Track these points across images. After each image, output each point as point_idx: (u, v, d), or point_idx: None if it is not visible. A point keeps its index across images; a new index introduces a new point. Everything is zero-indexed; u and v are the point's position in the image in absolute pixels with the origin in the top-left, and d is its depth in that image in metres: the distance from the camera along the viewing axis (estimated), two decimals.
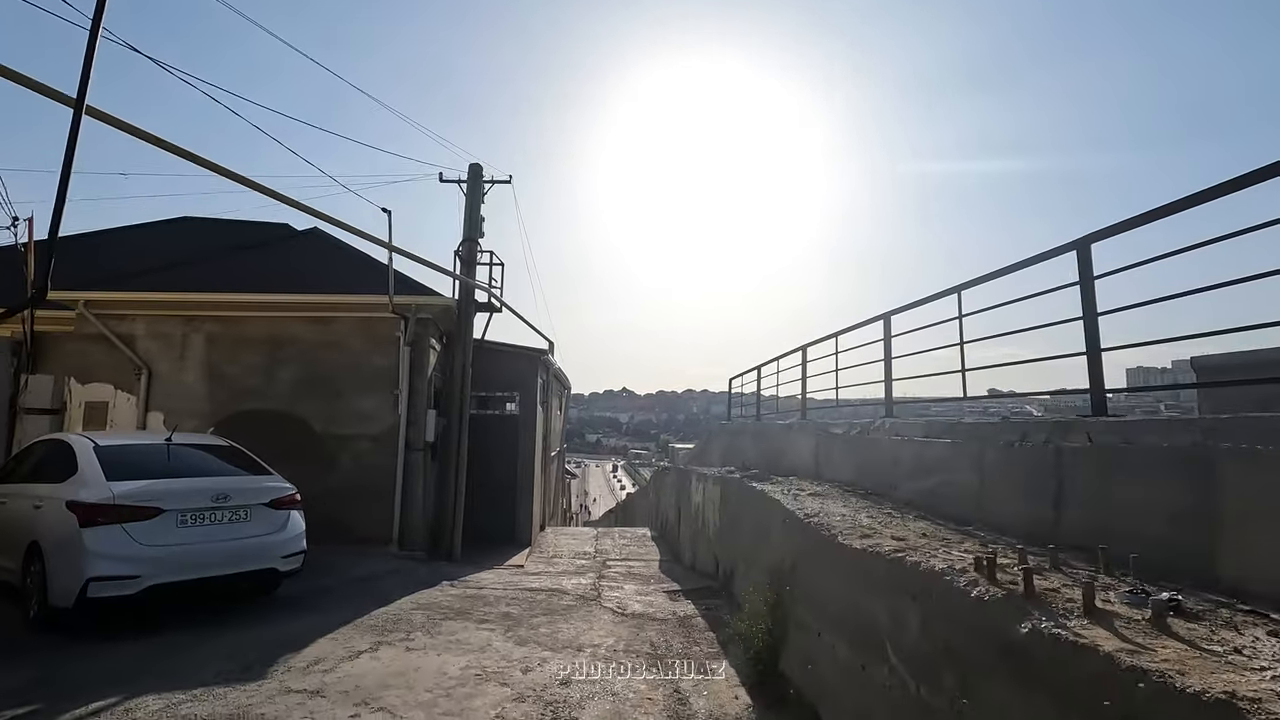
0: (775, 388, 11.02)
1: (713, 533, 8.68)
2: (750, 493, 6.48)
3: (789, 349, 10.21)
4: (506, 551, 11.32)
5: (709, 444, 16.06)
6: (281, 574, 6.32)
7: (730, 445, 13.25)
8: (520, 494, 12.15)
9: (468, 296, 10.40)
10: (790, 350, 10.24)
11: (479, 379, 12.28)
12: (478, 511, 12.11)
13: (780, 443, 9.39)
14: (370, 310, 9.79)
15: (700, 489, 9.69)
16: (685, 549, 10.72)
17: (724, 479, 8.14)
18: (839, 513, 4.63)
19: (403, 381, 9.73)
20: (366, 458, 9.72)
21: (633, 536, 14.07)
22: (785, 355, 10.77)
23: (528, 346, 12.41)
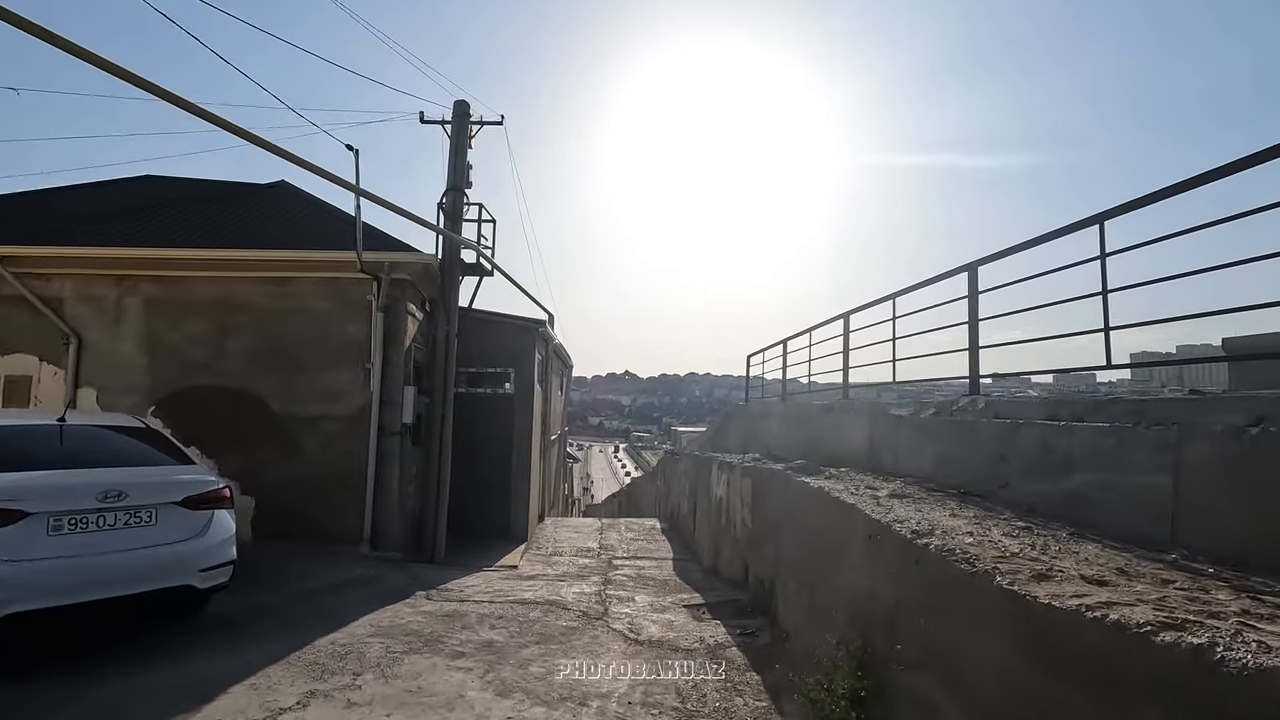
0: (807, 362, 9.56)
1: (740, 533, 7.29)
2: (800, 490, 5.06)
3: (828, 318, 8.75)
4: (499, 549, 9.96)
5: (725, 428, 14.65)
6: (201, 591, 4.93)
7: (751, 429, 11.83)
8: (516, 483, 10.79)
9: (452, 255, 8.94)
10: (826, 320, 8.78)
11: (468, 353, 10.85)
12: (467, 503, 10.75)
13: (818, 427, 7.97)
14: (336, 269, 8.34)
15: (723, 480, 8.28)
16: (703, 547, 9.36)
17: (757, 470, 6.73)
18: (955, 527, 3.21)
19: (375, 353, 8.29)
20: (333, 443, 8.32)
21: (640, 529, 12.72)
22: (820, 325, 9.31)
23: (524, 317, 10.97)
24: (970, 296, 5.40)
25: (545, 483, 14.57)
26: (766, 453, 10.07)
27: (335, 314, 8.47)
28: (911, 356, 6.86)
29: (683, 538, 11.61)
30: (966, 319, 5.40)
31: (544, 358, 13.08)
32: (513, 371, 10.88)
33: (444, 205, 9.04)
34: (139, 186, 11.28)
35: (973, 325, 5.38)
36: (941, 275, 5.84)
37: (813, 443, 8.05)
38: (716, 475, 8.73)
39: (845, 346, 8.16)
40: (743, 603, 6.48)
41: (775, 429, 9.94)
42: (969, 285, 5.41)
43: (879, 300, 7.20)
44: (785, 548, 5.39)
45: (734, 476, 7.68)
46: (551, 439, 15.27)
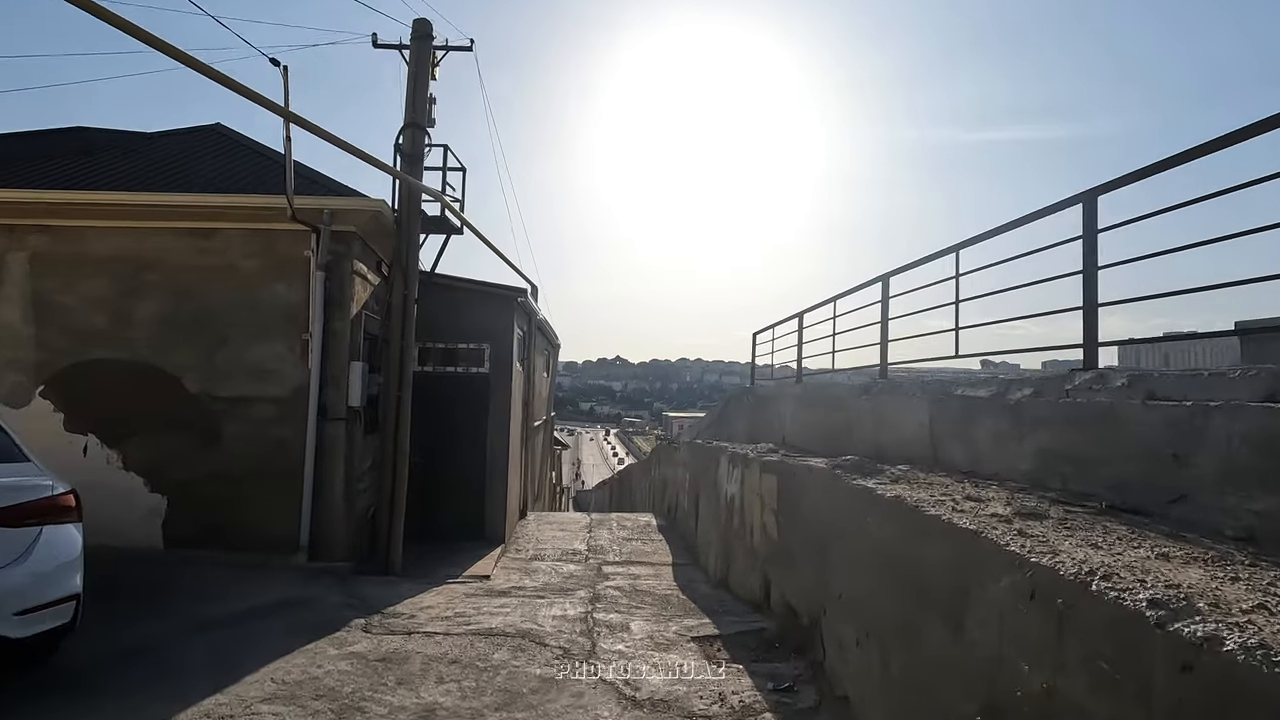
0: (831, 337, 8.17)
1: (759, 541, 5.93)
2: (862, 500, 3.66)
3: (859, 284, 7.35)
4: (470, 554, 8.56)
5: (727, 414, 13.27)
6: (18, 642, 3.48)
7: (759, 416, 10.46)
8: (492, 475, 9.38)
9: (411, 205, 7.43)
10: (858, 285, 7.38)
11: (436, 326, 9.38)
12: (434, 501, 9.33)
13: (850, 413, 6.59)
14: (267, 219, 6.83)
15: (735, 476, 6.90)
16: (709, 552, 8.00)
17: (785, 467, 5.33)
18: (1211, 589, 1.82)
19: (314, 322, 6.81)
20: (264, 430, 6.86)
21: (634, 526, 11.36)
22: (848, 293, 7.91)
23: (501, 285, 9.51)
24: (1086, 238, 4.00)
25: (529, 473, 13.16)
26: (782, 443, 8.70)
27: (266, 273, 6.96)
28: (976, 325, 5.50)
29: (683, 537, 10.26)
30: (1081, 267, 4.00)
31: (525, 333, 11.61)
32: (488, 348, 9.43)
33: (401, 145, 7.51)
34: (63, 137, 9.66)
35: (1090, 278, 3.98)
36: (1039, 213, 4.42)
37: (841, 432, 6.68)
38: (726, 469, 7.35)
39: (884, 315, 6.77)
40: (767, 634, 5.11)
41: (791, 415, 8.57)
42: (1084, 224, 4.00)
43: (934, 255, 5.80)
44: (836, 574, 4.00)
45: (750, 472, 6.29)
46: (535, 424, 13.84)
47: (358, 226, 7.03)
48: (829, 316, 8.37)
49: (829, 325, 8.46)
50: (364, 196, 7.04)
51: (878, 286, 6.81)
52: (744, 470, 6.55)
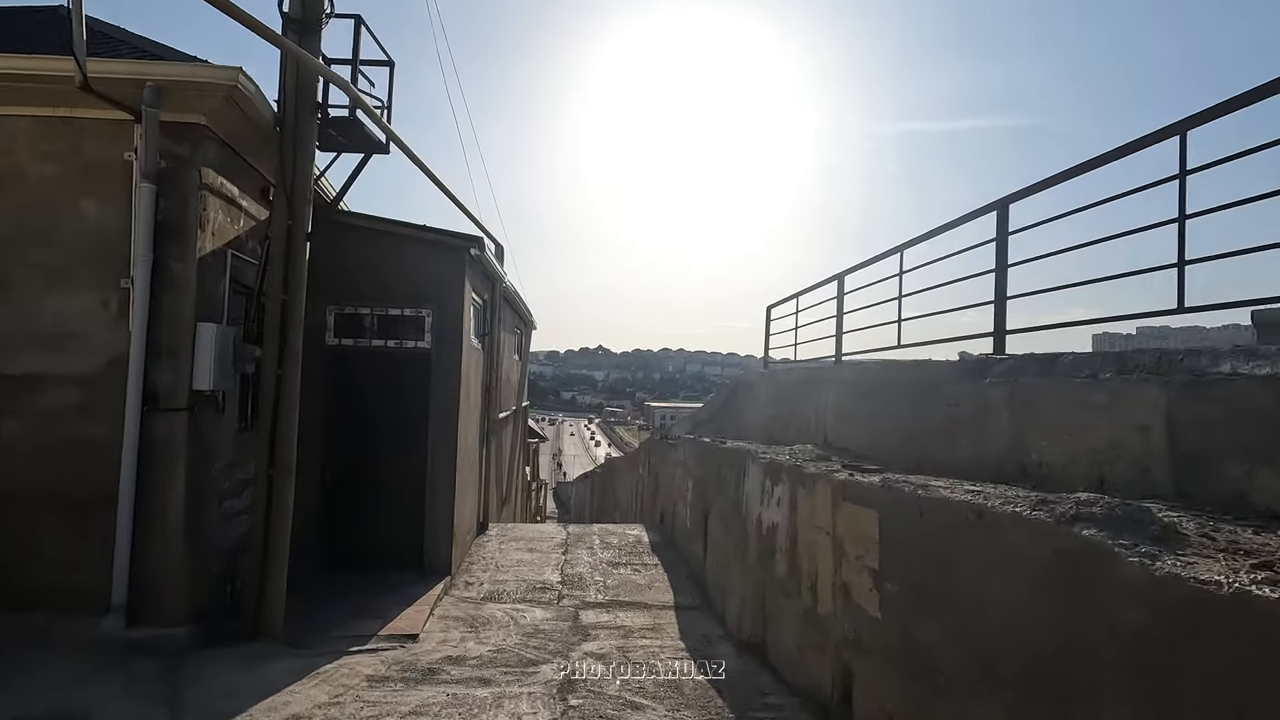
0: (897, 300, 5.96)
1: (832, 610, 3.69)
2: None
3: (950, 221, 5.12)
4: (400, 593, 6.24)
5: (732, 404, 11.02)
6: None
7: (781, 408, 8.23)
8: (435, 484, 7.04)
9: (301, 93, 5.01)
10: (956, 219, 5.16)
11: (356, 283, 7.00)
12: (358, 519, 7.00)
13: (958, 407, 4.35)
14: (66, 101, 4.40)
15: (780, 497, 4.64)
16: (727, 594, 5.76)
17: (903, 500, 3.07)
18: None
19: (138, 260, 4.42)
20: (59, 426, 4.47)
21: (621, 544, 9.10)
22: (923, 239, 5.74)
23: (447, 231, 7.13)
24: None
25: (493, 475, 10.84)
26: (824, 444, 6.48)
27: (67, 185, 4.54)
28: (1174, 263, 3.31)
29: (684, 560, 8.03)
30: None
31: (486, 303, 9.24)
32: (429, 315, 7.06)
33: (287, 10, 5.07)
34: None
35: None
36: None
37: (937, 435, 4.47)
38: (760, 485, 5.09)
39: (1001, 260, 4.55)
40: None
41: (835, 408, 6.34)
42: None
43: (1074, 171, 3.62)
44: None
45: (811, 496, 4.04)
46: (503, 415, 11.50)
47: (209, 117, 4.61)
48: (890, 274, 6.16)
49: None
50: (206, 63, 4.61)
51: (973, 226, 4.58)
52: (795, 490, 4.29)
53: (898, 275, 6.02)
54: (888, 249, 6.21)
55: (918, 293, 5.76)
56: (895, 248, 6.10)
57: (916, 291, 5.76)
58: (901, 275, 6.00)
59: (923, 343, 5.63)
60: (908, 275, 5.96)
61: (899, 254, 6.05)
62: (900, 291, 6.01)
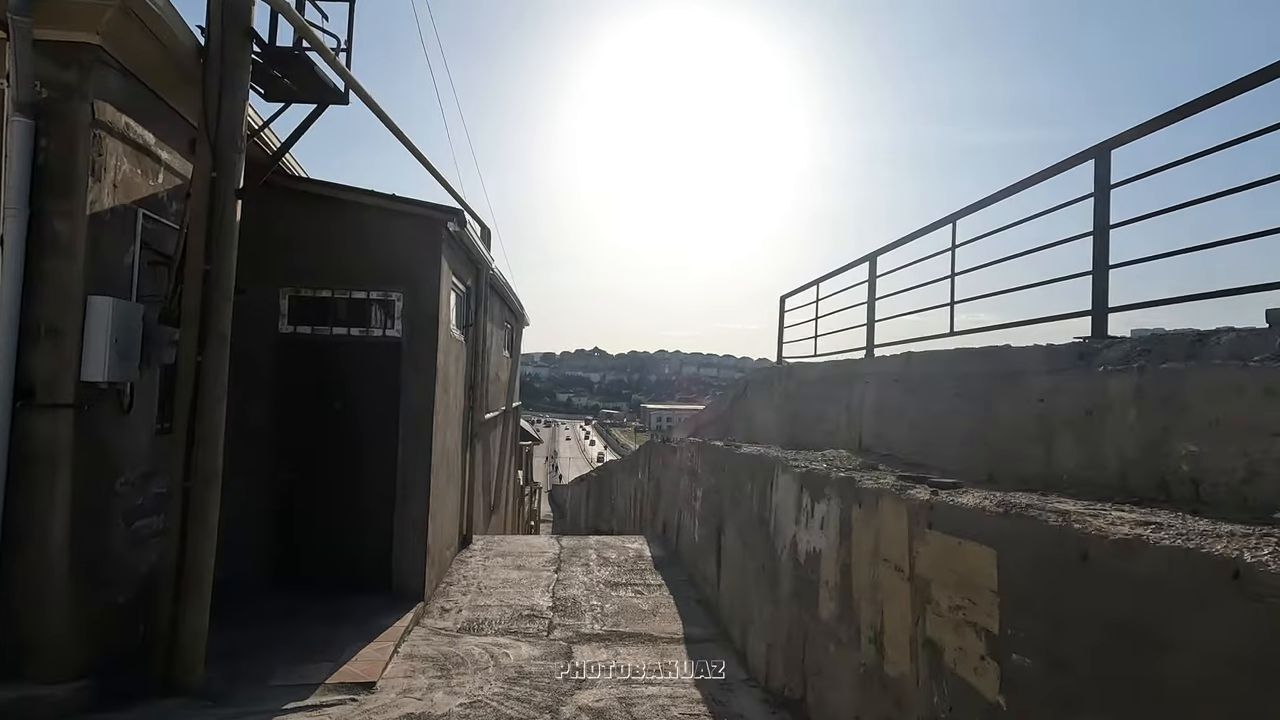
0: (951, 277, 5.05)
1: (907, 674, 2.75)
2: None
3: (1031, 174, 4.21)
4: (359, 625, 5.27)
5: (743, 403, 10.08)
6: None
7: (803, 407, 7.29)
8: (407, 494, 6.08)
9: (231, 13, 4.05)
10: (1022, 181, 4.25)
11: (310, 258, 6.05)
12: (315, 535, 6.05)
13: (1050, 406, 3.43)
14: None
15: (824, 517, 3.69)
16: (751, 630, 4.82)
17: (1055, 537, 2.12)
18: None
19: (9, 216, 3.46)
20: None
21: (620, 560, 8.14)
22: (972, 210, 4.87)
23: (420, 201, 6.18)
24: None
25: (479, 482, 9.88)
26: (858, 448, 5.55)
27: None
28: None
29: (692, 580, 7.09)
30: None
31: (470, 290, 8.29)
32: (399, 299, 6.12)
33: None
34: None
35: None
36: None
37: (1022, 443, 3.56)
38: (790, 497, 4.14)
39: (1100, 219, 3.63)
40: None
41: (875, 406, 5.41)
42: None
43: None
44: None
45: (873, 520, 3.09)
46: (491, 416, 10.54)
47: (106, 37, 3.65)
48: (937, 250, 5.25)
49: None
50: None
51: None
52: (849, 510, 3.35)
53: (950, 250, 5.10)
54: (938, 219, 5.29)
55: (974, 269, 4.84)
56: (946, 218, 5.18)
57: (974, 268, 4.83)
58: (954, 249, 5.09)
59: (986, 327, 4.70)
60: (961, 250, 5.07)
61: (951, 225, 5.14)
62: (953, 269, 5.08)
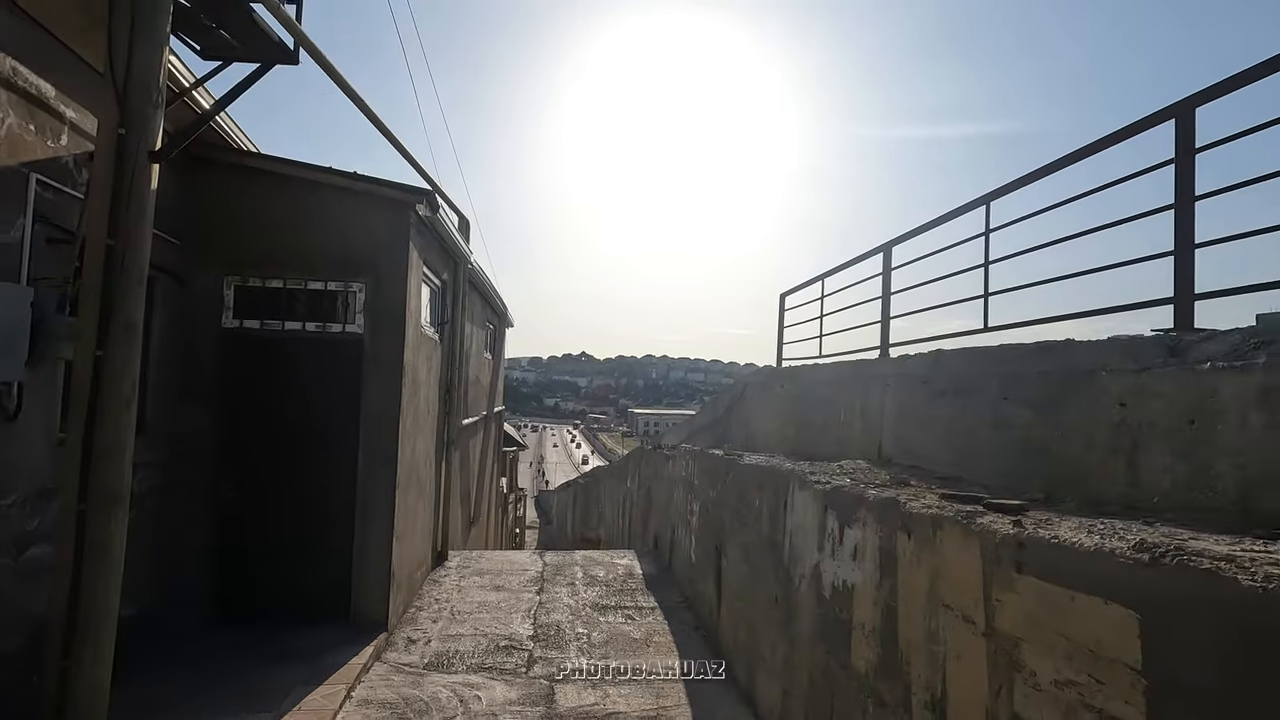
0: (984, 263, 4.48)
1: None
2: None
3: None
4: (310, 664, 4.57)
5: (740, 408, 9.46)
6: None
7: (808, 413, 6.69)
8: (369, 510, 5.39)
9: None
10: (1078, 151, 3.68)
11: (260, 243, 5.36)
12: (265, 557, 5.35)
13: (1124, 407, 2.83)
14: None
15: (857, 546, 3.05)
16: (754, 661, 4.18)
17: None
18: None
19: None
20: None
21: (609, 578, 7.47)
22: (1009, 190, 4.33)
23: (388, 181, 5.51)
24: None
25: (455, 491, 9.19)
26: (878, 458, 4.95)
27: None
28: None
29: (689, 603, 6.44)
30: None
31: (446, 284, 7.61)
32: (362, 290, 5.44)
33: None
34: None
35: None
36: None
37: (1086, 447, 2.98)
38: (812, 519, 3.51)
39: (1184, 191, 3.05)
40: None
41: (898, 412, 4.81)
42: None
43: None
44: None
45: (940, 556, 2.46)
46: (470, 421, 9.85)
47: None
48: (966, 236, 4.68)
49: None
50: None
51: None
52: (893, 540, 2.73)
53: (983, 234, 4.53)
54: (970, 201, 4.70)
55: (1015, 255, 4.25)
56: (979, 199, 4.59)
57: (1015, 254, 4.25)
58: (988, 234, 4.51)
59: (1028, 322, 4.10)
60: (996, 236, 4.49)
61: (984, 207, 4.56)
62: (986, 256, 4.50)
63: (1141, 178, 3.25)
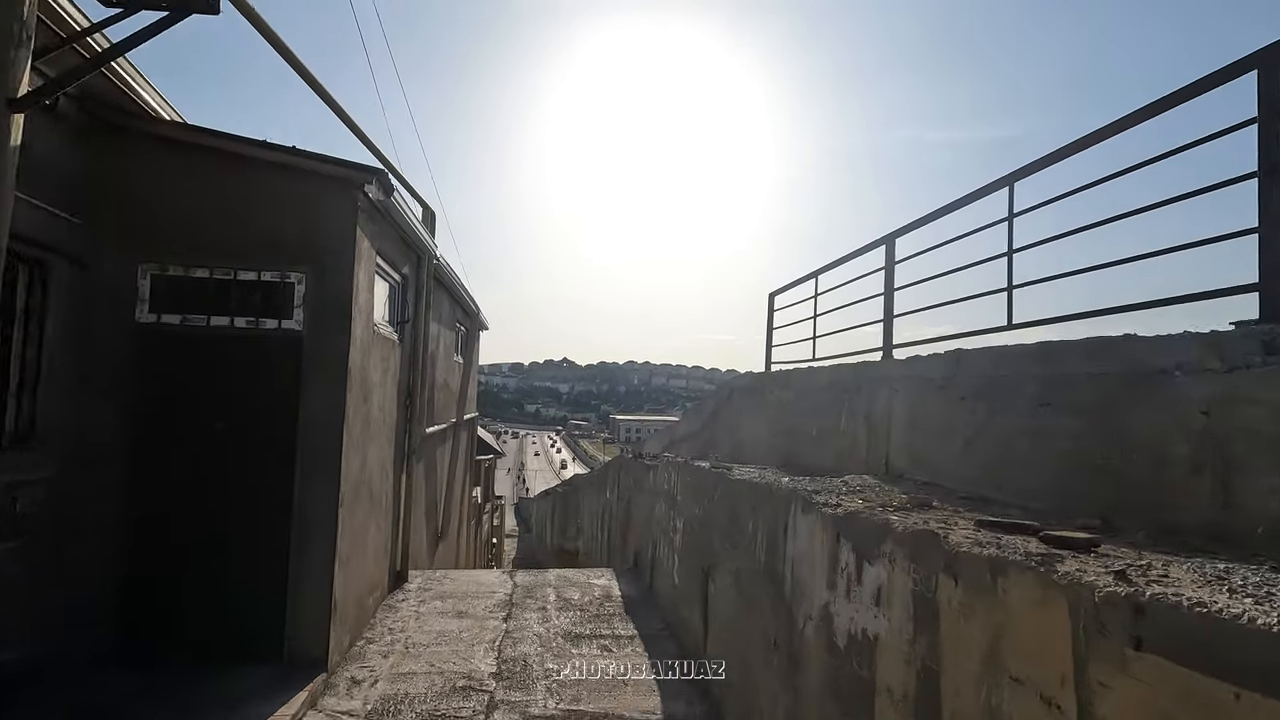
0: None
1: None
2: None
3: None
4: (231, 716, 3.88)
5: (725, 415, 8.89)
6: None
7: (797, 421, 6.13)
8: (308, 530, 4.71)
9: None
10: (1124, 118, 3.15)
11: (182, 227, 4.68)
12: (179, 586, 4.65)
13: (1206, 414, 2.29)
14: None
15: (882, 590, 2.45)
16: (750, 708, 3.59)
17: None
18: None
19: None
20: None
21: (584, 600, 6.83)
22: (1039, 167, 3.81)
23: (333, 158, 4.86)
24: None
25: (418, 506, 8.51)
26: (885, 471, 4.40)
27: None
28: None
29: (671, 631, 5.82)
30: None
31: (407, 279, 6.95)
32: (302, 280, 4.78)
33: None
34: None
35: None
36: None
37: (1157, 464, 2.42)
38: (820, 549, 2.92)
39: (1269, 155, 2.54)
40: None
41: (905, 419, 4.27)
42: None
43: None
44: None
45: (1006, 611, 1.89)
46: (434, 429, 9.17)
47: None
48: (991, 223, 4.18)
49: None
50: None
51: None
52: (933, 584, 2.14)
53: (1006, 220, 4.01)
54: (988, 183, 4.18)
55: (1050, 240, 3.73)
56: (1001, 179, 4.08)
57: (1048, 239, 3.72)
58: (1011, 219, 3.99)
59: (1067, 316, 3.57)
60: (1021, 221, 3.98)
61: (1007, 188, 4.04)
62: (1010, 245, 3.98)
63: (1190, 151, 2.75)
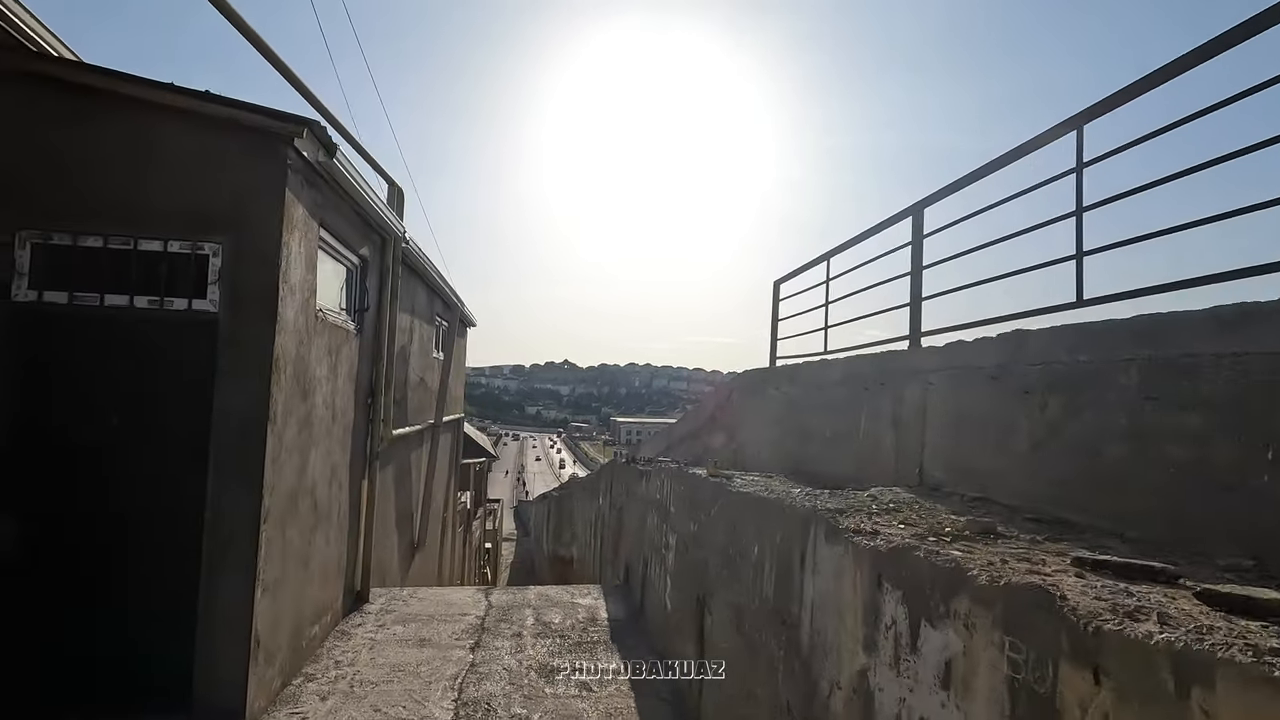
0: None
1: None
2: None
3: None
4: None
5: (727, 415, 8.08)
6: None
7: (808, 423, 5.32)
8: (220, 553, 3.93)
9: None
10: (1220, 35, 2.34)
11: (70, 186, 3.89)
12: (62, 619, 3.85)
13: None
14: None
15: (957, 657, 1.67)
16: None
17: None
18: None
19: None
20: None
21: (565, 624, 6.02)
22: (1105, 109, 2.97)
23: (253, 105, 4.09)
24: None
25: (388, 516, 7.72)
26: (921, 483, 3.59)
27: None
28: None
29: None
30: None
31: (367, 261, 6.17)
32: (217, 253, 4.00)
33: None
34: None
35: None
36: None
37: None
38: (849, 594, 2.11)
39: None
40: None
41: (944, 421, 3.48)
42: None
43: None
44: None
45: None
46: (402, 431, 8.37)
47: None
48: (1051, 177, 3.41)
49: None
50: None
51: None
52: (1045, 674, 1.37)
53: (1074, 171, 3.22)
54: (1051, 127, 3.39)
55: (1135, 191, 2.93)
56: (1067, 121, 3.28)
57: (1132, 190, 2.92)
58: (1080, 170, 3.20)
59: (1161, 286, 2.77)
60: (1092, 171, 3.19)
61: (1074, 132, 3.25)
62: (1079, 203, 3.18)
63: None
